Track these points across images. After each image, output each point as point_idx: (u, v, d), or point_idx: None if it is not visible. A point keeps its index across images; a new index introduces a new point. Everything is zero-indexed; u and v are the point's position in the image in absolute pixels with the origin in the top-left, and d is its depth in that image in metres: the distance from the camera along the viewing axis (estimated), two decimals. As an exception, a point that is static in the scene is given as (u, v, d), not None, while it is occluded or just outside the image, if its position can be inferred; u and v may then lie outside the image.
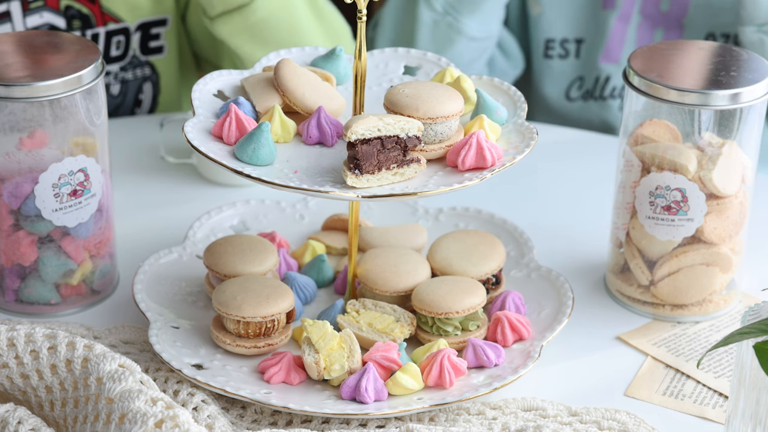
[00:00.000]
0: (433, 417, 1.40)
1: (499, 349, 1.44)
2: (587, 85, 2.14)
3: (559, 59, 2.14)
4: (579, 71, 2.14)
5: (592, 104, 2.15)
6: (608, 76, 2.12)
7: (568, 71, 2.14)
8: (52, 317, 1.54)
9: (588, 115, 2.16)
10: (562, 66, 2.14)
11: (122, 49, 1.97)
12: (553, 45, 2.13)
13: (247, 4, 1.85)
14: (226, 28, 1.87)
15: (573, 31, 2.12)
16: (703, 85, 1.47)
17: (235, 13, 1.86)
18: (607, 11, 2.09)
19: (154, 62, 2.01)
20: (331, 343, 1.40)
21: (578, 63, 2.14)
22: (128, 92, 2.01)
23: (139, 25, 1.97)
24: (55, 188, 1.48)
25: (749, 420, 1.26)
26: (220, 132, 1.40)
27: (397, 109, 1.38)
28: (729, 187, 1.50)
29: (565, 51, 2.13)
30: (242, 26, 1.86)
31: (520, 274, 1.58)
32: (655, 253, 1.54)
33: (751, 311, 1.28)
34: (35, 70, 1.45)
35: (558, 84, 2.15)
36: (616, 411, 1.40)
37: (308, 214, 1.70)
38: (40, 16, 1.91)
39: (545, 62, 2.15)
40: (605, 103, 2.14)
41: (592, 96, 2.15)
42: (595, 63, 2.12)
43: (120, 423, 1.23)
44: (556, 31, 2.12)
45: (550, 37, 2.13)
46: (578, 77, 2.14)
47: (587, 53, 2.13)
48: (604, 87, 2.13)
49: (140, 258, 1.62)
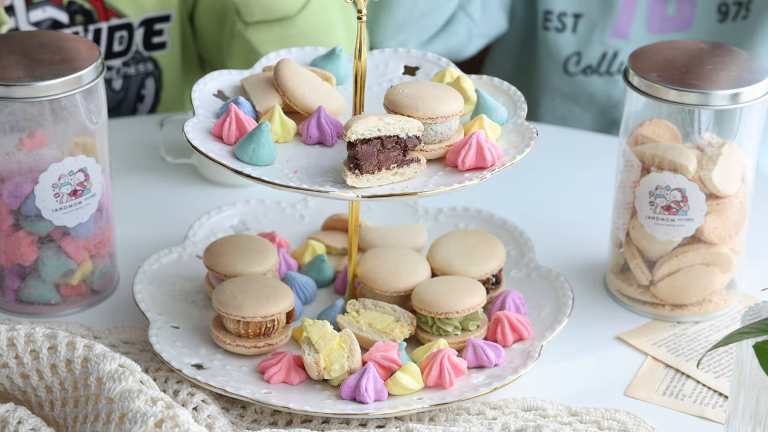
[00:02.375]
0: (433, 417, 1.40)
1: (499, 349, 1.44)
2: (588, 61, 2.14)
3: (556, 32, 2.13)
4: (576, 46, 2.14)
5: (595, 79, 2.15)
6: (616, 51, 2.12)
7: (564, 45, 2.14)
8: (52, 317, 1.54)
9: (591, 89, 2.15)
10: (558, 39, 2.14)
11: (125, 44, 1.98)
12: (551, 17, 2.13)
13: (290, 18, 1.85)
14: (260, 36, 1.87)
15: (572, 5, 2.12)
16: (703, 85, 1.47)
17: (275, 24, 1.86)
18: None
19: (156, 58, 2.01)
20: (331, 343, 1.40)
21: (575, 38, 2.13)
22: (130, 87, 2.02)
23: (142, 20, 1.97)
24: (55, 188, 1.48)
25: (749, 420, 1.26)
26: (220, 132, 1.40)
27: (397, 109, 1.38)
28: (729, 187, 1.50)
29: (562, 24, 2.13)
30: (279, 37, 1.86)
31: (520, 274, 1.58)
32: (655, 253, 1.54)
33: (751, 311, 1.28)
34: (35, 70, 1.45)
35: (554, 57, 2.15)
36: (616, 411, 1.40)
37: (308, 214, 1.70)
38: (43, 11, 1.91)
39: (543, 33, 2.15)
40: (611, 78, 2.14)
41: (597, 71, 2.14)
42: (599, 38, 2.12)
43: (120, 423, 1.23)
44: (555, 3, 2.12)
45: (548, 8, 2.13)
46: (575, 52, 2.14)
47: (587, 29, 2.12)
48: (611, 63, 2.13)
49: (140, 258, 1.62)
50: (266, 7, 1.84)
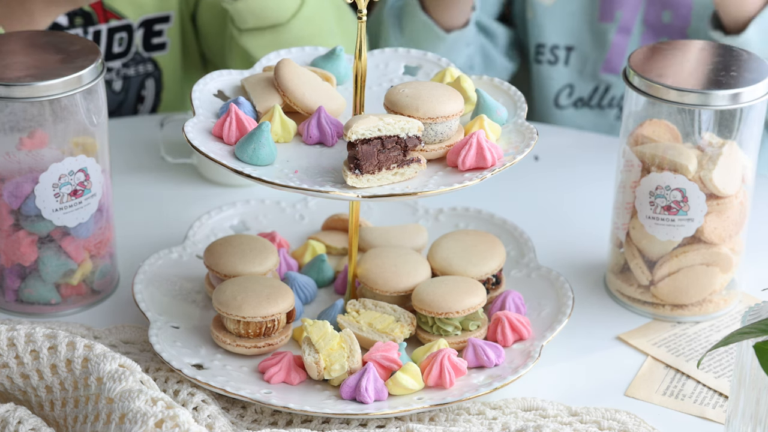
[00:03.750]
0: (433, 417, 1.40)
1: (499, 349, 1.44)
2: (580, 93, 2.14)
3: (549, 65, 2.14)
4: (568, 79, 2.14)
5: (586, 112, 2.15)
6: (608, 85, 2.12)
7: (557, 77, 2.14)
8: (52, 317, 1.54)
9: (580, 122, 2.16)
10: (551, 72, 2.14)
11: (125, 45, 1.98)
12: (543, 50, 2.13)
13: (282, 24, 1.85)
14: (254, 42, 1.87)
15: (564, 39, 2.12)
16: (703, 85, 1.47)
17: (267, 31, 1.86)
18: (606, 24, 2.09)
19: (156, 59, 2.01)
20: (331, 343, 1.40)
21: (567, 70, 2.14)
22: (130, 88, 2.02)
23: (142, 21, 1.97)
24: (55, 188, 1.48)
25: (749, 420, 1.26)
26: (220, 132, 1.40)
27: (397, 109, 1.38)
28: (729, 187, 1.50)
29: (554, 57, 2.13)
30: (272, 43, 1.86)
31: (520, 274, 1.58)
32: (655, 253, 1.54)
33: (751, 311, 1.28)
34: (35, 70, 1.45)
35: (546, 90, 2.15)
36: (616, 411, 1.40)
37: (308, 214, 1.70)
38: None
39: (535, 67, 2.15)
40: (602, 111, 2.14)
41: (587, 104, 2.15)
42: (591, 72, 2.12)
43: (120, 423, 1.23)
44: (547, 36, 2.13)
45: (541, 42, 2.13)
46: (567, 84, 2.14)
47: (579, 62, 2.13)
48: (603, 96, 2.14)
49: (140, 258, 1.62)
50: (258, 15, 1.83)
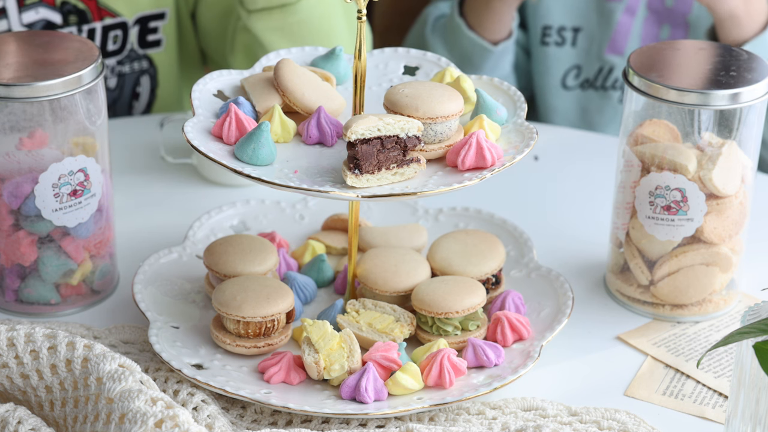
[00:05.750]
0: (433, 417, 1.40)
1: (499, 349, 1.44)
2: (586, 74, 2.15)
3: (556, 46, 2.14)
4: (576, 60, 2.14)
5: (591, 93, 2.15)
6: (612, 66, 2.12)
7: (564, 59, 2.15)
8: (52, 317, 1.54)
9: (585, 103, 2.16)
10: (558, 53, 2.14)
11: (119, 43, 1.97)
12: (550, 32, 2.13)
13: (291, 4, 1.86)
14: (262, 24, 1.88)
15: (571, 20, 2.13)
16: (703, 85, 1.47)
17: (276, 11, 1.87)
18: (613, 3, 2.09)
19: (151, 56, 2.01)
20: (331, 343, 1.40)
21: (575, 51, 2.14)
22: (125, 85, 2.01)
23: (137, 19, 1.97)
24: (55, 188, 1.48)
25: (749, 420, 1.26)
26: (220, 132, 1.40)
27: (397, 109, 1.38)
28: (729, 187, 1.50)
29: (561, 38, 2.13)
30: (280, 24, 1.88)
31: (520, 274, 1.58)
32: (654, 253, 1.54)
33: (751, 311, 1.28)
34: (35, 70, 1.45)
35: (552, 72, 2.16)
36: (616, 411, 1.40)
37: (308, 214, 1.70)
38: (35, 12, 1.91)
39: (542, 49, 2.15)
40: (606, 93, 2.14)
41: (593, 85, 2.15)
42: (596, 53, 2.13)
43: (120, 423, 1.23)
44: (554, 18, 2.13)
45: (548, 23, 2.13)
46: (575, 66, 2.15)
47: (586, 42, 2.13)
48: (606, 77, 2.14)
49: (140, 258, 1.62)
50: None
